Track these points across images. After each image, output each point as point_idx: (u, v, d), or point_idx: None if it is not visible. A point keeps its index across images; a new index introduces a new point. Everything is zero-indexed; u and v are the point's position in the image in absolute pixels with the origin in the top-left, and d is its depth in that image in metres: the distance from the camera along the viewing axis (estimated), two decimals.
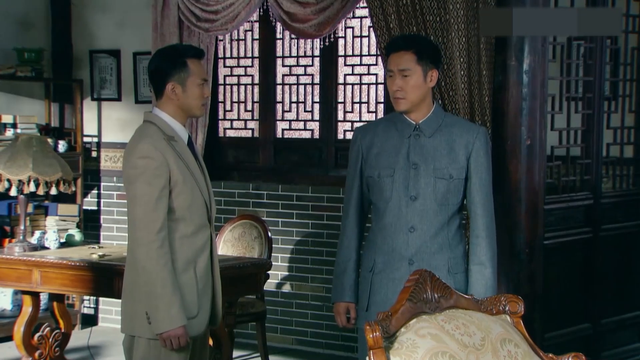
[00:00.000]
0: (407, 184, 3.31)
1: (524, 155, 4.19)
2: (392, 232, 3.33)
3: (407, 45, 3.32)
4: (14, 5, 6.49)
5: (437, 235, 3.32)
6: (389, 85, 3.34)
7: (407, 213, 3.31)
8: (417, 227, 3.30)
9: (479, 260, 3.32)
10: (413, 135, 3.34)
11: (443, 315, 2.81)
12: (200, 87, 3.43)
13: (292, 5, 5.38)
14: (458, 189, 3.33)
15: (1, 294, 6.17)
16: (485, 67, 4.40)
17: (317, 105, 6.10)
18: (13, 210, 6.07)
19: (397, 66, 3.29)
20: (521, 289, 4.14)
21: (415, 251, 3.31)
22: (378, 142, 3.39)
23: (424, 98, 3.34)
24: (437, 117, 3.37)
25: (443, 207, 3.31)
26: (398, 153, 3.34)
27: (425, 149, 3.32)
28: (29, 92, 6.64)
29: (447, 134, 3.34)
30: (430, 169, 3.30)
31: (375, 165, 3.37)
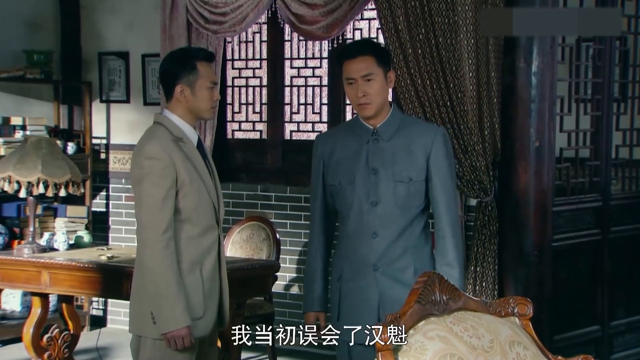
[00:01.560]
0: (367, 190, 3.25)
1: (533, 157, 4.18)
2: (356, 239, 3.28)
3: (365, 50, 3.25)
4: (23, 8, 6.51)
5: (399, 239, 3.25)
6: (351, 93, 3.25)
7: (369, 219, 3.25)
8: (380, 232, 3.24)
9: (446, 261, 3.27)
10: (371, 140, 3.28)
11: (452, 317, 2.80)
12: (210, 90, 3.43)
13: (300, 7, 5.38)
14: (419, 191, 3.27)
15: (10, 296, 6.18)
16: (493, 68, 4.39)
17: (325, 107, 6.10)
18: (22, 212, 6.09)
19: (359, 72, 3.21)
20: (530, 291, 4.13)
21: (379, 256, 3.24)
22: (338, 150, 3.34)
23: (385, 101, 3.29)
24: (395, 120, 3.31)
25: (405, 210, 3.26)
26: (358, 159, 3.28)
27: (384, 153, 3.26)
28: (38, 94, 6.65)
29: (405, 137, 3.28)
30: (389, 173, 3.25)
31: (337, 173, 3.32)
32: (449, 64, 4.47)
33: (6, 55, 6.30)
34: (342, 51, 3.34)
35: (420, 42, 4.48)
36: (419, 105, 4.60)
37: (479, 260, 4.55)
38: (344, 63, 3.25)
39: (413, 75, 4.57)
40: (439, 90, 4.52)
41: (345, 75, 3.26)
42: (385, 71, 3.25)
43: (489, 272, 4.50)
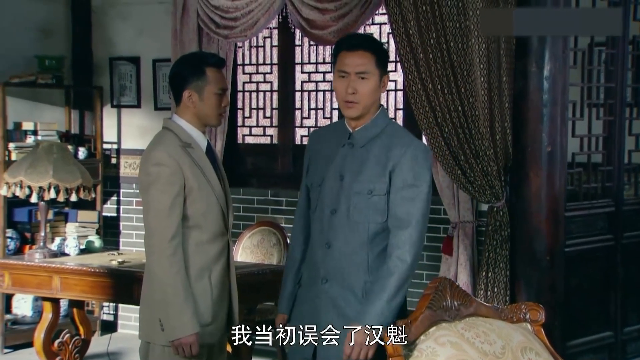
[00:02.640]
0: (331, 196, 3.07)
1: (545, 162, 4.16)
2: (313, 246, 3.13)
3: (367, 46, 3.04)
4: (35, 13, 6.53)
5: (354, 255, 3.02)
6: (340, 87, 3.03)
7: (325, 228, 3.07)
8: (333, 243, 3.05)
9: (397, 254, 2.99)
10: (347, 145, 3.09)
11: (463, 323, 2.80)
12: (218, 96, 3.41)
13: (311, 12, 5.38)
14: (380, 205, 3.01)
15: (21, 301, 6.19)
16: (505, 73, 4.38)
17: (335, 112, 6.09)
18: (33, 217, 6.10)
19: (355, 67, 3.00)
20: (542, 296, 4.12)
21: (329, 269, 3.05)
22: (322, 149, 3.18)
23: (373, 105, 3.07)
24: (374, 126, 3.07)
25: (361, 224, 3.01)
26: (330, 162, 3.10)
27: (354, 161, 3.06)
28: (49, 99, 6.67)
29: (381, 146, 3.04)
30: (351, 182, 3.04)
31: (312, 173, 3.18)
32: (460, 68, 4.45)
33: (18, 61, 6.32)
34: (341, 41, 3.12)
35: (432, 46, 4.47)
36: (430, 110, 4.59)
37: (491, 266, 4.53)
38: (340, 53, 3.05)
39: (424, 80, 4.56)
40: (450, 95, 4.51)
41: (338, 67, 3.04)
42: (382, 74, 3.05)
43: (500, 277, 4.48)
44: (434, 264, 5.47)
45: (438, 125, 4.57)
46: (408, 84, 4.64)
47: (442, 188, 5.07)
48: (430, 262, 5.54)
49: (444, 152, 4.59)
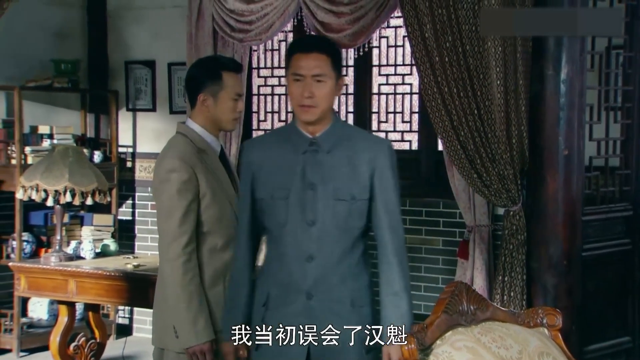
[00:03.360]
0: (303, 207, 2.91)
1: (562, 165, 4.13)
2: (287, 261, 2.94)
3: (322, 48, 2.95)
4: (51, 18, 6.56)
5: (338, 265, 2.92)
6: (296, 91, 2.92)
7: (303, 240, 2.91)
8: (316, 255, 2.91)
9: (393, 291, 2.93)
10: (309, 151, 2.94)
11: (479, 328, 2.79)
12: (234, 101, 3.40)
13: (326, 15, 5.37)
14: (362, 211, 2.94)
15: (37, 304, 6.21)
16: (521, 76, 4.35)
17: (351, 115, 6.08)
18: (49, 220, 6.12)
19: (310, 70, 2.90)
20: (559, 301, 4.09)
21: (313, 283, 2.91)
22: (270, 159, 2.98)
23: (330, 108, 2.98)
24: (336, 130, 2.98)
25: (345, 232, 2.93)
26: (293, 172, 2.93)
27: (323, 167, 2.92)
28: (65, 102, 6.70)
29: (348, 149, 2.94)
30: (329, 189, 2.90)
31: (268, 186, 2.97)
32: (476, 71, 4.43)
33: (34, 65, 6.35)
34: (294, 43, 3.04)
35: (447, 49, 4.46)
36: (445, 114, 4.57)
37: (507, 270, 4.50)
38: (294, 56, 2.94)
39: (440, 84, 4.54)
40: (466, 98, 4.49)
41: (292, 70, 2.93)
42: (337, 76, 2.95)
43: (517, 282, 4.45)
44: (449, 268, 5.46)
45: (454, 129, 4.55)
46: (424, 87, 4.62)
47: (458, 192, 5.05)
48: (445, 266, 5.53)
49: (459, 155, 4.57)
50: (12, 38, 6.13)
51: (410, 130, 5.89)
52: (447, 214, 5.55)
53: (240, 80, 3.51)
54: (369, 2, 5.21)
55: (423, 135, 5.78)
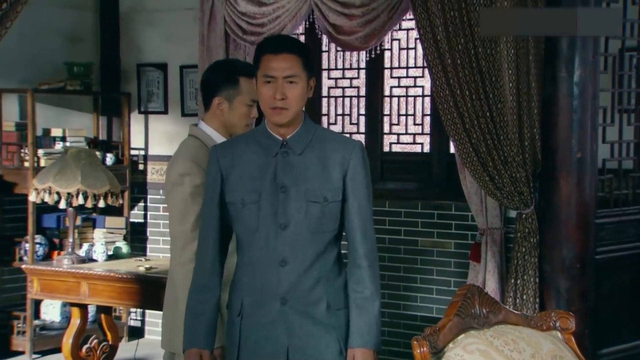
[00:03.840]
0: (275, 211, 2.84)
1: (575, 168, 4.12)
2: (260, 267, 2.87)
3: (292, 48, 2.87)
4: (64, 21, 6.58)
5: (312, 268, 2.86)
6: (267, 93, 2.84)
7: (276, 245, 2.84)
8: (289, 260, 2.84)
9: (363, 295, 2.88)
10: (280, 153, 2.88)
11: (492, 331, 2.77)
12: (248, 107, 3.40)
13: (338, 17, 5.37)
14: (334, 213, 2.87)
15: (50, 306, 6.23)
16: (534, 79, 4.35)
17: (362, 117, 6.08)
18: (62, 223, 6.13)
19: (282, 71, 2.82)
20: (572, 304, 4.08)
21: (288, 288, 2.84)
22: (240, 163, 2.91)
23: (301, 110, 2.90)
24: (307, 131, 2.91)
25: (318, 235, 2.86)
26: (264, 175, 2.87)
27: (295, 169, 2.86)
28: (77, 105, 6.72)
29: (319, 150, 2.88)
30: (301, 191, 2.84)
31: (238, 190, 2.88)
32: (488, 74, 4.43)
33: (47, 68, 6.37)
34: (263, 43, 2.91)
35: (460, 52, 4.45)
36: (457, 116, 4.56)
37: (520, 273, 4.49)
38: (263, 57, 2.85)
39: (452, 86, 4.53)
40: (478, 100, 4.48)
41: (263, 72, 2.84)
42: (309, 77, 2.88)
43: (529, 285, 4.44)
44: (461, 270, 5.44)
45: (466, 131, 4.54)
46: (436, 89, 4.62)
47: (469, 194, 5.04)
48: (457, 268, 5.52)
49: (472, 158, 4.56)
50: (25, 41, 6.16)
51: (422, 132, 5.89)
52: (459, 217, 5.54)
53: None
54: (380, 4, 5.20)
55: (435, 138, 5.77)
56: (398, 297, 5.74)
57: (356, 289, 2.89)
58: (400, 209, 5.77)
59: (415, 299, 5.70)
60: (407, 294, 5.73)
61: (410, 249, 5.75)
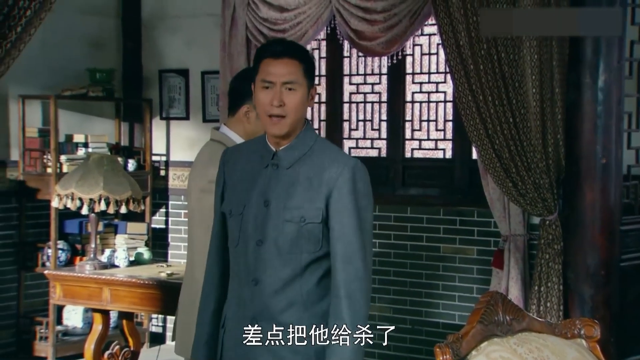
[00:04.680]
0: (255, 225, 2.69)
1: (599, 174, 4.09)
2: (238, 283, 2.74)
3: (294, 53, 2.71)
4: (86, 27, 6.61)
5: (285, 290, 2.67)
6: (265, 99, 2.68)
7: (251, 261, 2.69)
8: (261, 278, 2.68)
9: (336, 331, 2.65)
10: (271, 165, 2.72)
11: (515, 339, 2.75)
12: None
13: (359, 23, 5.36)
14: (314, 234, 2.67)
15: (72, 312, 6.25)
16: (558, 84, 4.31)
17: (384, 123, 6.06)
18: (84, 229, 6.16)
19: (281, 77, 2.66)
20: (597, 312, 4.04)
21: (259, 309, 2.68)
22: (238, 170, 2.79)
23: (300, 121, 2.73)
24: (302, 144, 2.72)
25: (293, 256, 2.66)
26: (252, 186, 2.73)
27: (280, 184, 2.70)
28: (99, 111, 6.75)
29: (310, 166, 2.70)
30: (280, 208, 2.67)
31: (230, 199, 2.77)
32: (511, 79, 4.40)
33: (70, 74, 6.41)
34: (265, 47, 2.76)
35: (482, 57, 4.42)
36: (480, 122, 4.53)
37: (543, 280, 4.45)
38: (263, 61, 2.70)
39: (475, 92, 4.51)
40: (501, 106, 4.45)
41: (261, 77, 2.69)
42: (310, 85, 2.72)
43: (553, 292, 4.40)
44: (484, 277, 5.41)
45: (489, 137, 4.52)
46: (458, 95, 4.59)
47: (492, 201, 5.00)
48: (480, 275, 5.48)
49: (494, 164, 4.53)
50: (48, 48, 6.20)
51: (444, 138, 5.86)
52: (482, 223, 5.51)
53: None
54: (402, 9, 5.19)
55: (457, 144, 5.74)
56: (420, 303, 5.71)
57: (332, 321, 2.65)
58: (422, 215, 5.75)
59: (438, 305, 5.67)
60: (429, 301, 5.70)
61: (432, 255, 5.72)
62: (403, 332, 5.74)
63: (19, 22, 3.34)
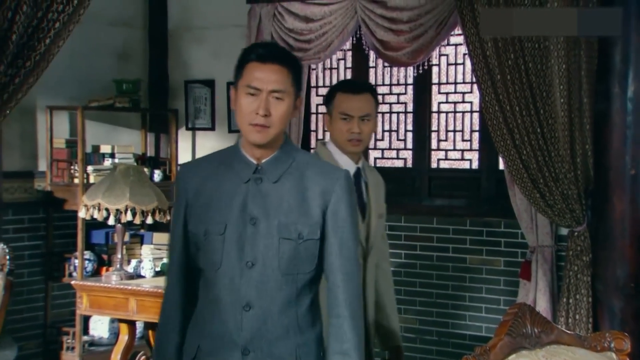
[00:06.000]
0: (242, 246, 2.49)
1: (629, 185, 4.05)
2: (222, 309, 2.51)
3: (282, 59, 2.53)
4: (113, 39, 6.66)
5: (281, 316, 2.50)
6: (247, 106, 2.49)
7: (241, 285, 2.48)
8: (255, 304, 2.48)
9: (341, 349, 2.50)
10: (253, 180, 2.52)
11: (544, 351, 2.72)
12: (342, 121, 3.41)
13: (385, 33, 5.36)
14: (311, 252, 2.52)
15: (98, 322, 6.27)
16: (586, 94, 4.28)
17: (410, 133, 6.04)
18: (110, 239, 6.18)
19: (268, 84, 2.48)
20: (627, 324, 4.00)
21: (251, 337, 2.48)
22: (208, 187, 2.56)
23: (283, 130, 2.56)
24: (285, 156, 2.56)
25: (289, 277, 2.50)
26: (232, 203, 2.51)
27: (268, 199, 2.50)
28: (126, 122, 6.78)
29: (299, 179, 2.53)
30: (273, 225, 2.48)
31: (202, 219, 2.53)
32: (539, 89, 4.37)
33: (96, 85, 6.45)
34: (250, 49, 2.57)
35: (509, 67, 4.40)
36: (507, 132, 4.51)
37: (572, 292, 4.41)
38: (248, 65, 2.51)
39: (501, 102, 4.48)
40: (529, 117, 4.42)
41: (246, 82, 2.50)
42: (297, 94, 2.56)
43: (582, 304, 4.35)
44: (511, 289, 5.37)
45: (516, 148, 4.49)
46: (485, 105, 4.57)
47: (519, 211, 4.97)
48: (507, 287, 5.44)
49: (522, 175, 4.50)
50: (75, 59, 6.24)
51: (470, 148, 5.83)
52: (508, 234, 5.47)
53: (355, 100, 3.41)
54: (428, 20, 5.18)
55: (483, 154, 5.71)
56: (446, 315, 5.68)
57: (334, 342, 2.52)
58: (448, 225, 5.72)
59: (464, 317, 5.63)
60: (456, 312, 5.66)
61: (459, 266, 5.68)
62: (429, 344, 5.70)
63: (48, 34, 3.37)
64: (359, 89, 3.44)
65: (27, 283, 6.14)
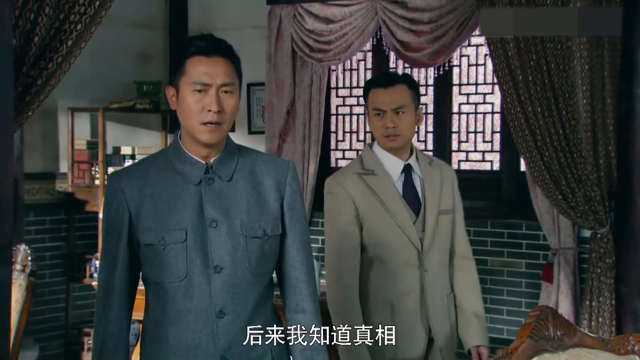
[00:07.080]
0: (205, 251, 2.36)
1: None
2: (191, 322, 2.37)
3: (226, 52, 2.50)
4: (134, 40, 6.68)
5: (254, 318, 2.41)
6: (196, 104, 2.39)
7: (211, 292, 2.36)
8: (228, 309, 2.37)
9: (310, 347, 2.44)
10: (205, 180, 2.40)
11: (567, 354, 2.70)
12: (376, 116, 3.36)
13: (406, 34, 5.34)
14: (273, 249, 2.44)
15: None
16: (609, 95, 4.25)
17: (430, 134, 6.02)
18: None
19: (217, 78, 2.42)
20: None
21: (229, 344, 2.37)
22: (153, 194, 2.39)
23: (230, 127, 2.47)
24: (232, 153, 2.46)
25: (259, 277, 2.41)
26: (186, 207, 2.37)
27: (224, 199, 2.39)
28: (146, 123, 6.80)
29: (250, 175, 2.44)
30: (235, 225, 2.37)
31: (156, 228, 2.36)
32: (561, 90, 4.34)
33: (117, 87, 6.47)
34: (192, 43, 2.48)
35: (531, 68, 4.38)
36: (529, 133, 4.48)
37: (595, 295, 4.37)
38: (191, 59, 2.41)
39: (523, 103, 4.46)
40: (551, 118, 4.39)
41: (191, 79, 2.39)
42: (240, 87, 2.51)
43: (605, 307, 4.32)
44: (532, 291, 5.33)
45: (538, 149, 4.46)
46: (506, 106, 4.54)
47: (541, 213, 4.94)
48: (528, 289, 5.41)
49: (544, 176, 4.47)
50: (96, 61, 6.27)
51: (491, 150, 5.80)
52: (530, 236, 5.43)
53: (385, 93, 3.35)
54: (449, 20, 5.16)
55: (505, 155, 5.68)
56: None
57: (302, 340, 2.45)
58: (469, 227, 5.62)
59: (486, 319, 5.60)
60: None
61: (480, 268, 5.62)
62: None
63: (70, 36, 3.38)
64: (389, 81, 3.33)
65: (49, 284, 6.18)
